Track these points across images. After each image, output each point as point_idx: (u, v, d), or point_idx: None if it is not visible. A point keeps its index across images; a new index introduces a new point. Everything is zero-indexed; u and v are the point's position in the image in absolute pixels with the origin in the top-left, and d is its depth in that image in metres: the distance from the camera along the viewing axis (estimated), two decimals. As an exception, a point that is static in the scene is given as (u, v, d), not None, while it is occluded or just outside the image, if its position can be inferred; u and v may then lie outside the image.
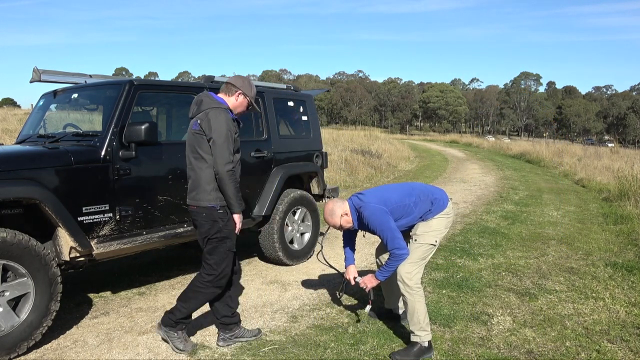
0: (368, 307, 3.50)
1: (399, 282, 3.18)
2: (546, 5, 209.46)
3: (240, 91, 3.19)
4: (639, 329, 3.59)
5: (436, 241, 3.29)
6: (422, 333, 3.13)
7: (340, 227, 3.36)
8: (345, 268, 3.57)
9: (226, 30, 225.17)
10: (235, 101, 3.20)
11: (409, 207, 3.27)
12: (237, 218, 3.13)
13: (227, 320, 3.27)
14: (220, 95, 3.19)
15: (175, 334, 3.17)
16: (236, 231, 3.15)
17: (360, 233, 3.59)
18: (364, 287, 3.36)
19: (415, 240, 3.26)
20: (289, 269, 5.09)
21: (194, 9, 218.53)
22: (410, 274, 3.16)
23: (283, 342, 3.35)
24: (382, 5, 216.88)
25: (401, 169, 17.06)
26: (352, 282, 3.51)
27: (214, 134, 2.95)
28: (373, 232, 3.28)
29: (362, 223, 3.32)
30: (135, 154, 3.64)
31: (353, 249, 3.65)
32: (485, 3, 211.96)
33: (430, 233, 3.27)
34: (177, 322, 3.16)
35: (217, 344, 3.27)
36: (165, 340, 3.22)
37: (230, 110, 3.13)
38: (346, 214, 3.31)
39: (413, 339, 3.15)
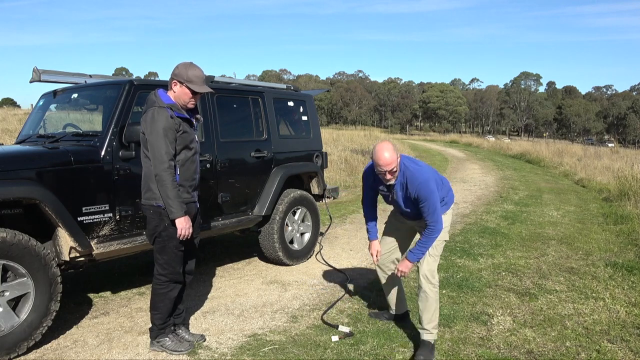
0: (335, 338, 3.39)
1: (422, 279, 3.14)
2: (546, 5, 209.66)
3: (174, 80, 2.96)
4: (639, 329, 3.59)
5: (447, 238, 3.29)
6: (435, 331, 3.17)
7: (390, 172, 2.97)
8: (370, 242, 3.52)
9: (226, 30, 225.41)
10: (174, 93, 2.99)
11: (438, 187, 3.13)
12: (178, 223, 2.91)
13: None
14: (168, 91, 3.03)
15: (167, 339, 3.17)
16: (180, 237, 2.95)
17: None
18: (401, 275, 3.23)
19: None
20: (289, 269, 5.09)
21: (193, 9, 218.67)
22: (433, 271, 3.16)
23: (283, 342, 3.35)
24: (381, 5, 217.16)
25: (401, 169, 17.02)
26: (375, 259, 3.46)
27: (149, 135, 2.88)
28: (413, 200, 3.05)
29: (404, 186, 3.08)
30: (135, 154, 3.64)
31: (376, 219, 3.56)
32: (485, 3, 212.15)
33: (445, 229, 3.21)
34: (160, 328, 3.15)
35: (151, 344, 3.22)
36: (165, 352, 3.17)
37: (171, 108, 2.92)
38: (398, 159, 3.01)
39: (427, 337, 3.15)
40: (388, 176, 3.00)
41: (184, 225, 2.91)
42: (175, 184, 2.90)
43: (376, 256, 3.46)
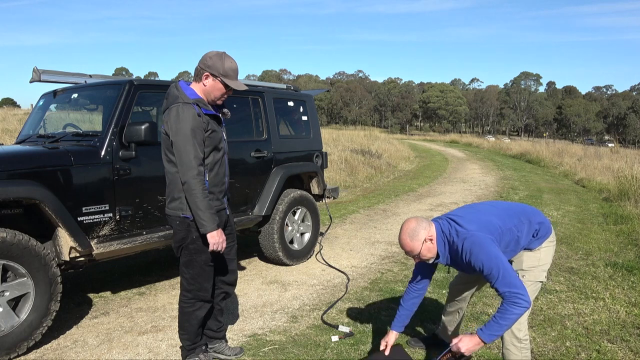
0: (335, 338, 3.36)
1: (505, 335, 2.55)
2: (546, 5, 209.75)
3: (206, 72, 2.61)
4: (639, 329, 3.59)
5: (546, 277, 2.65)
6: None
7: (417, 256, 2.52)
8: (389, 330, 2.79)
9: (226, 30, 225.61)
10: (204, 86, 2.64)
11: (513, 233, 2.52)
12: (210, 238, 2.59)
13: (211, 334, 3.05)
14: (192, 84, 2.70)
15: (197, 359, 2.93)
16: (210, 249, 2.64)
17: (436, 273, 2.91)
18: (456, 350, 2.35)
19: (523, 277, 2.57)
20: (289, 269, 5.09)
21: (193, 9, 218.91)
22: (520, 323, 2.52)
23: (283, 342, 3.35)
24: (381, 5, 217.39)
25: (401, 169, 17.05)
26: (381, 348, 2.74)
27: (175, 137, 2.53)
28: (472, 271, 2.45)
29: (456, 258, 2.49)
30: (135, 154, 3.64)
31: (412, 307, 2.80)
32: (484, 3, 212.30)
33: (540, 267, 2.60)
34: (190, 348, 2.91)
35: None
36: None
37: (198, 104, 2.60)
38: (431, 240, 2.47)
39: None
40: (417, 260, 2.58)
41: (217, 240, 2.60)
42: (206, 193, 2.58)
43: (383, 347, 2.74)
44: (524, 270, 2.58)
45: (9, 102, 75.17)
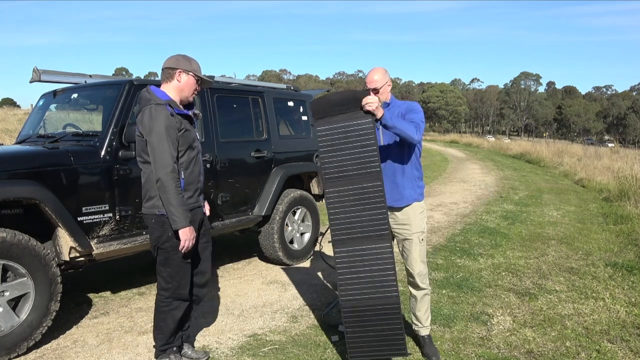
0: (335, 338, 3.38)
1: (417, 282, 3.10)
2: (545, 5, 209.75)
3: (179, 69, 2.76)
4: (639, 329, 3.59)
5: (425, 228, 3.14)
6: (429, 325, 3.23)
7: (376, 90, 2.96)
8: None
9: (226, 30, 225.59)
10: (178, 83, 2.77)
11: (417, 156, 3.10)
12: (182, 234, 2.64)
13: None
14: (162, 86, 2.80)
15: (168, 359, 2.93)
16: (182, 250, 2.69)
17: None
18: (368, 106, 2.74)
19: (422, 240, 3.10)
20: (289, 269, 5.10)
21: (193, 10, 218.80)
22: (424, 275, 3.11)
23: (283, 342, 3.35)
24: (380, 5, 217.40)
25: (401, 169, 17.02)
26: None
27: (149, 136, 2.61)
28: (398, 122, 2.83)
29: (397, 110, 3.01)
30: (135, 154, 3.63)
31: None
32: (484, 3, 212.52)
33: (422, 222, 3.11)
34: (162, 349, 2.90)
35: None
36: None
37: (171, 105, 2.70)
38: (389, 86, 3.05)
39: (426, 332, 3.19)
40: (374, 94, 2.91)
41: (188, 237, 2.66)
42: (179, 190, 2.65)
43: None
44: (415, 233, 3.08)
45: (9, 102, 75.05)
